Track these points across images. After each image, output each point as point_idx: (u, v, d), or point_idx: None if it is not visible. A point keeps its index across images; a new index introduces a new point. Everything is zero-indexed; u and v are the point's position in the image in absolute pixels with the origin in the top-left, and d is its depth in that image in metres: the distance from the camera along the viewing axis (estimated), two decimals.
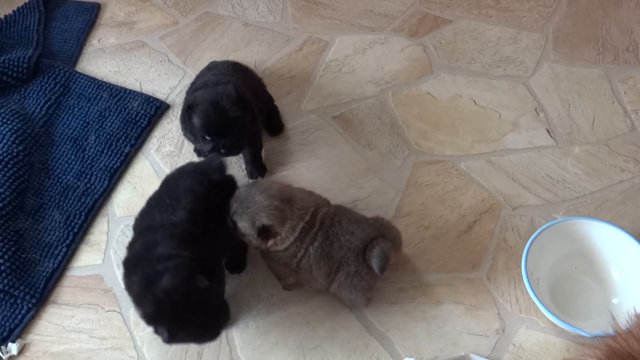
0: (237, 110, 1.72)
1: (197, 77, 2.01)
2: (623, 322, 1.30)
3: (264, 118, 1.99)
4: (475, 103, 2.07)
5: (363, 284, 1.51)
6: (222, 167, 1.56)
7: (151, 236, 1.42)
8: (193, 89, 1.88)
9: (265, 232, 1.45)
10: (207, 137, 1.74)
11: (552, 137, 1.96)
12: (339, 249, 1.48)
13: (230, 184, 1.58)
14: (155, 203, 1.53)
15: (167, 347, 1.59)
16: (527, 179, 1.86)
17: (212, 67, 2.01)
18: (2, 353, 1.59)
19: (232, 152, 1.80)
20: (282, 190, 1.47)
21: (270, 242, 1.47)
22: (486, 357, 1.51)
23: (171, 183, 1.56)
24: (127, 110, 2.10)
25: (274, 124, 2.04)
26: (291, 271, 1.54)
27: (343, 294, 1.54)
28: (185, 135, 1.89)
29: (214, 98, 1.71)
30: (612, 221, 1.63)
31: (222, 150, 1.77)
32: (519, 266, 1.56)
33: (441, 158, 1.93)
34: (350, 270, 1.48)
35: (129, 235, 1.79)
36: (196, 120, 1.73)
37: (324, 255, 1.48)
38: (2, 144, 1.96)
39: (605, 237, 1.60)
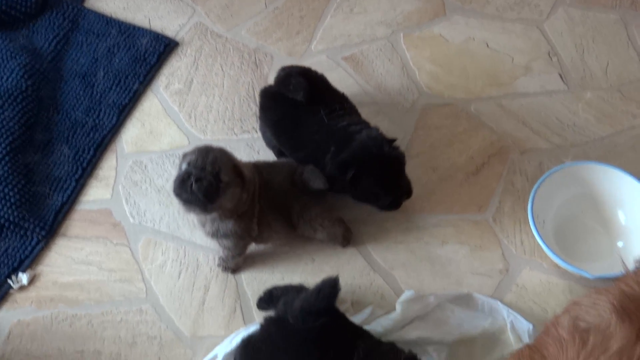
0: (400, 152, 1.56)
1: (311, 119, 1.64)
2: (630, 264, 1.31)
3: None
4: (488, 46, 2.04)
5: (316, 212, 1.53)
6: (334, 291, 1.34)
7: None
8: (339, 148, 1.54)
9: (238, 170, 1.38)
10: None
11: (564, 81, 1.94)
12: (276, 195, 1.49)
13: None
14: None
15: (174, 279, 1.62)
16: (537, 123, 1.84)
17: (320, 99, 1.67)
18: (12, 282, 1.62)
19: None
20: None
21: (245, 195, 1.40)
22: (489, 296, 1.53)
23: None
24: (135, 47, 2.08)
25: None
26: (251, 239, 1.53)
27: (317, 235, 1.57)
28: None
29: (380, 154, 1.51)
30: (621, 166, 1.62)
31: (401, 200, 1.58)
32: (526, 209, 1.57)
33: (451, 101, 1.91)
34: (297, 210, 1.50)
35: (137, 171, 1.82)
36: (368, 180, 1.52)
37: (272, 205, 1.49)
38: (11, 79, 1.95)
39: (612, 181, 1.60)
